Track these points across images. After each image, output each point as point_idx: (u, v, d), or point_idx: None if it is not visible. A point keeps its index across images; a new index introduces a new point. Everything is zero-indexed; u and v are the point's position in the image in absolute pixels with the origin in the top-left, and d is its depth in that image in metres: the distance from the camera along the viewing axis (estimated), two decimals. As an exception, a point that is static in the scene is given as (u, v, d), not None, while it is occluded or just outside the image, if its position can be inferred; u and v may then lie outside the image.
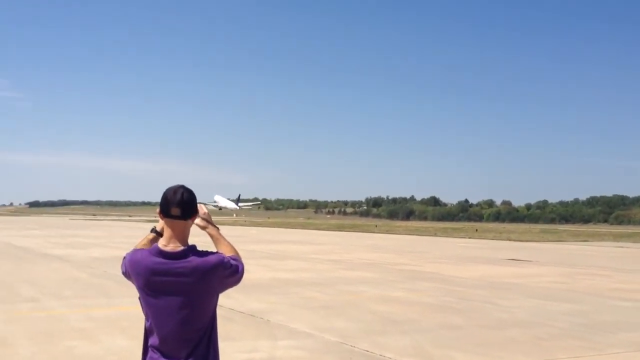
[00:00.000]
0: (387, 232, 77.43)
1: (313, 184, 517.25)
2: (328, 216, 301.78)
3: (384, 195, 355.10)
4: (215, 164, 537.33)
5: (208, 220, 3.50)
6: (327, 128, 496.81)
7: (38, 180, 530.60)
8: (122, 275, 3.52)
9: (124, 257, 3.50)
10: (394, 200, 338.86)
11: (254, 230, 70.05)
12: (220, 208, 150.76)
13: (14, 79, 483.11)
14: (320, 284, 17.55)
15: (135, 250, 3.42)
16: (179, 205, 3.29)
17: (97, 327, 10.38)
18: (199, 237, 3.90)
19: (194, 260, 3.27)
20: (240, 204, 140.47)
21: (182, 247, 3.30)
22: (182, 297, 3.26)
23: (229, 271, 3.35)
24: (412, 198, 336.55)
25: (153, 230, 3.60)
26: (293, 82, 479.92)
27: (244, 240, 38.71)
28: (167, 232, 3.34)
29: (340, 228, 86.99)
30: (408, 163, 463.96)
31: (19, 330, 9.99)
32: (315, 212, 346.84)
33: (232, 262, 3.39)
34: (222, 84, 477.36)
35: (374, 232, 74.06)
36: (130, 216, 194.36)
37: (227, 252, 3.47)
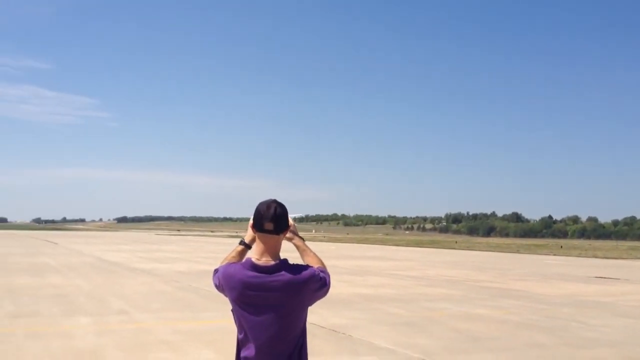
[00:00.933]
0: (468, 248, 75.97)
1: (392, 200, 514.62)
2: (407, 232, 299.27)
3: (463, 211, 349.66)
4: (296, 180, 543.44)
5: (294, 232, 3.55)
6: (406, 144, 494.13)
7: (126, 197, 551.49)
8: (215, 289, 3.56)
9: (216, 270, 3.56)
10: (474, 216, 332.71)
11: (333, 246, 70.23)
12: None
13: (103, 99, 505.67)
14: (401, 300, 17.40)
15: (229, 264, 3.47)
16: (272, 219, 3.33)
17: (184, 340, 10.65)
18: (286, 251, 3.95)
19: (286, 274, 3.30)
20: (290, 215, 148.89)
21: (274, 262, 3.34)
22: (275, 311, 3.28)
23: (319, 284, 3.38)
24: (493, 214, 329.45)
25: (242, 242, 3.64)
26: (372, 100, 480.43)
27: (323, 256, 38.22)
28: (259, 246, 3.39)
29: (419, 244, 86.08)
30: (489, 178, 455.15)
31: (109, 342, 10.36)
32: (394, 228, 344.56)
33: (321, 274, 3.41)
34: (301, 103, 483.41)
35: (454, 249, 72.83)
36: (212, 232, 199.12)
37: (313, 263, 3.52)
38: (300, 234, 3.63)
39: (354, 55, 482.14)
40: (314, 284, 3.35)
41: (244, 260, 3.48)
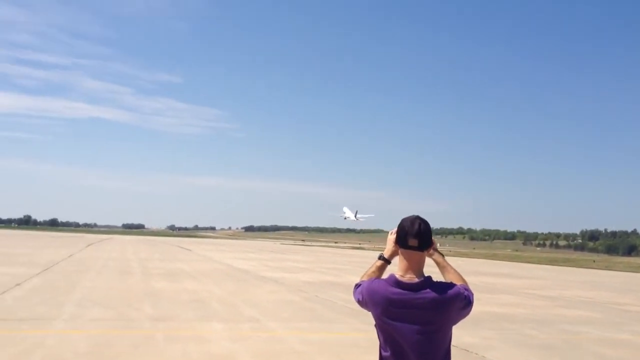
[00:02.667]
0: (607, 268, 71.69)
1: (522, 214, 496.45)
2: (538, 249, 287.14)
3: (601, 228, 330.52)
4: (414, 191, 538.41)
5: (434, 248, 3.48)
6: (534, 154, 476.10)
7: (252, 206, 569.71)
8: (357, 304, 3.55)
9: (357, 285, 3.57)
10: (613, 234, 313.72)
11: (459, 261, 68.56)
12: (345, 218, 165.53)
13: (230, 111, 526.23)
14: (536, 320, 16.57)
15: (372, 280, 3.47)
16: (417, 236, 3.31)
17: (314, 351, 10.66)
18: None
19: (431, 292, 3.25)
20: (358, 216, 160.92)
21: (419, 279, 3.30)
22: (420, 328, 3.24)
23: (464, 302, 3.32)
24: (635, 232, 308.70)
25: (381, 257, 3.62)
26: (500, 110, 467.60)
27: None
28: (403, 263, 3.37)
29: (552, 262, 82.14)
30: (630, 193, 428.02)
31: (243, 349, 10.57)
32: (524, 244, 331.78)
33: (466, 292, 3.34)
34: (422, 116, 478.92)
35: (591, 268, 68.92)
36: (335, 243, 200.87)
37: (455, 280, 3.45)
38: None
39: (481, 68, 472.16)
40: (459, 302, 3.29)
41: (387, 276, 3.44)
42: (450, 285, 3.34)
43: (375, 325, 3.42)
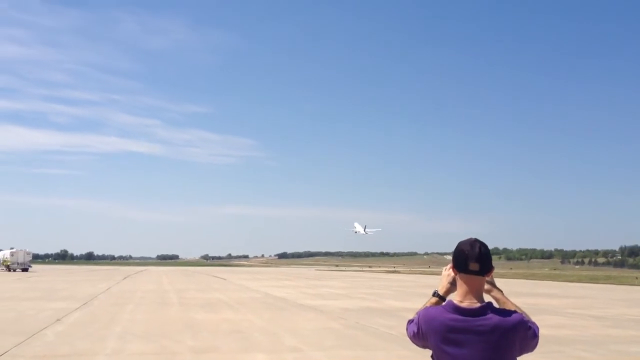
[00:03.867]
0: (650, 284, 69.77)
1: (558, 232, 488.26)
2: (577, 267, 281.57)
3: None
4: (449, 213, 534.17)
5: (491, 282, 3.31)
6: (570, 172, 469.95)
7: (285, 233, 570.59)
8: (410, 339, 3.39)
9: (410, 321, 3.40)
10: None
11: (497, 282, 66.97)
12: (356, 232, 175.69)
13: (261, 140, 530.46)
14: (586, 342, 16.04)
15: (428, 308, 3.31)
16: (478, 259, 3.14)
17: (361, 380, 10.42)
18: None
19: (493, 317, 3.08)
20: (367, 230, 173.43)
21: (479, 304, 3.13)
22: (480, 356, 3.06)
23: (529, 333, 3.12)
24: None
25: (435, 293, 3.44)
26: (531, 129, 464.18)
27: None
28: (462, 288, 3.20)
29: (593, 280, 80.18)
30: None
31: (289, 380, 10.37)
32: (562, 262, 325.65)
33: (530, 323, 3.14)
34: (451, 136, 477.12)
35: (634, 285, 67.13)
36: (370, 267, 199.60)
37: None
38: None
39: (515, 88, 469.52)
40: (523, 331, 3.10)
41: (445, 302, 3.29)
42: (513, 311, 3.16)
43: (431, 356, 3.25)
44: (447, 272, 3.37)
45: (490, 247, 3.28)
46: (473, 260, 3.13)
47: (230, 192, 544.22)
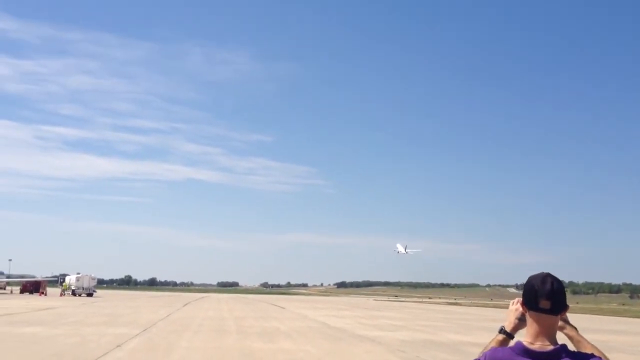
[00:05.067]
0: None
1: (627, 265, 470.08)
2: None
3: None
4: (510, 243, 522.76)
5: (565, 319, 3.00)
6: (636, 199, 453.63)
7: (344, 262, 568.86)
8: None
9: None
10: None
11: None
12: (398, 252, 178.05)
13: (320, 167, 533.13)
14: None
15: (495, 349, 3.01)
16: (549, 297, 2.84)
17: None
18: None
19: None
20: (407, 250, 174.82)
21: (552, 346, 2.82)
22: None
23: None
24: None
25: (502, 330, 3.17)
26: (593, 154, 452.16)
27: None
28: (532, 328, 2.90)
29: (665, 315, 76.55)
30: None
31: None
32: (631, 297, 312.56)
33: None
34: (512, 165, 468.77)
35: None
36: (430, 298, 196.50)
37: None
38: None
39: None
40: None
41: (514, 344, 2.97)
42: (591, 355, 2.85)
43: None
44: (515, 306, 3.12)
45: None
46: (544, 297, 2.85)
47: (290, 219, 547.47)
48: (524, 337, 2.93)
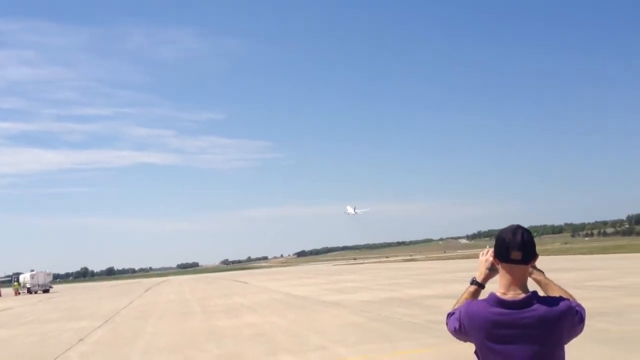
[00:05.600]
0: (659, 250, 69.38)
1: (567, 206, 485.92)
2: (587, 239, 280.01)
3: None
4: (461, 198, 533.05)
5: (533, 265, 3.16)
6: (571, 145, 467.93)
7: (303, 231, 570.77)
8: (451, 334, 3.25)
9: (449, 314, 3.27)
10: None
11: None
12: (348, 213, 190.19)
13: (275, 141, 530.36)
14: (607, 313, 15.98)
15: (469, 302, 3.17)
16: (521, 248, 2.99)
17: (388, 373, 10.46)
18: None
19: (539, 308, 2.95)
20: (356, 210, 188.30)
21: (523, 294, 3.00)
22: (529, 350, 2.94)
23: (577, 318, 3.01)
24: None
25: (473, 281, 3.32)
26: (530, 106, 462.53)
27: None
28: (504, 279, 3.06)
29: (604, 251, 79.71)
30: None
31: (316, 379, 10.43)
32: (572, 236, 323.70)
33: (577, 307, 3.04)
34: (459, 124, 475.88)
35: (647, 252, 66.75)
36: (387, 257, 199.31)
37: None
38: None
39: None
40: (571, 318, 2.99)
41: (486, 296, 3.14)
42: (560, 299, 3.03)
43: (475, 352, 3.12)
44: (485, 257, 3.26)
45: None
46: (516, 248, 2.98)
47: (246, 195, 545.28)
48: (497, 288, 3.07)
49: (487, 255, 3.26)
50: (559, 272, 38.28)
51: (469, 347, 3.19)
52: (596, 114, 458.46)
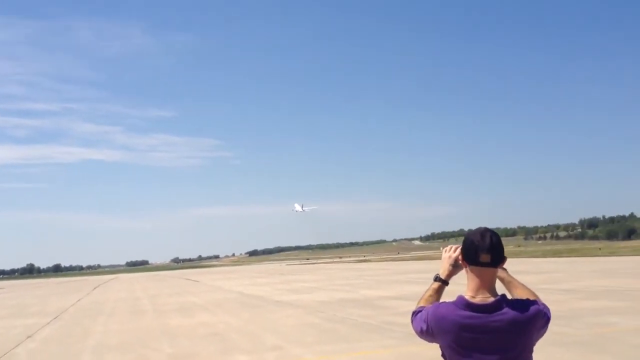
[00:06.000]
0: (612, 254, 71.40)
1: (520, 210, 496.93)
2: (539, 242, 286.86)
3: (599, 215, 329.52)
4: (414, 199, 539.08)
5: (500, 267, 3.06)
6: (526, 148, 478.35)
7: (255, 230, 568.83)
8: (417, 334, 3.10)
9: (414, 313, 3.14)
10: (612, 220, 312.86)
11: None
12: (296, 211, 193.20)
13: (225, 140, 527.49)
14: (562, 317, 16.14)
15: (438, 304, 3.04)
16: (490, 251, 2.90)
17: (347, 375, 10.30)
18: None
19: (509, 312, 2.85)
20: (304, 208, 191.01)
21: (492, 298, 2.90)
22: (500, 354, 2.84)
23: (544, 320, 2.93)
24: (632, 215, 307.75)
25: (437, 278, 3.23)
26: (484, 106, 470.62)
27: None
28: (473, 282, 2.95)
29: (557, 254, 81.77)
30: (623, 177, 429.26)
31: (274, 380, 10.20)
32: (525, 239, 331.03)
33: (544, 308, 2.95)
34: (413, 122, 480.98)
35: (597, 256, 68.58)
36: (340, 257, 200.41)
37: (526, 297, 3.03)
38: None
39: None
40: (540, 320, 2.91)
41: (454, 298, 3.02)
42: (528, 302, 2.94)
43: (442, 356, 3.00)
44: (448, 254, 3.19)
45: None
46: (484, 251, 2.90)
47: (197, 193, 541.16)
48: (465, 291, 2.96)
49: (450, 252, 3.19)
50: (514, 275, 38.89)
51: (426, 350, 3.05)
52: (552, 115, 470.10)
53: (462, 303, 2.92)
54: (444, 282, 3.22)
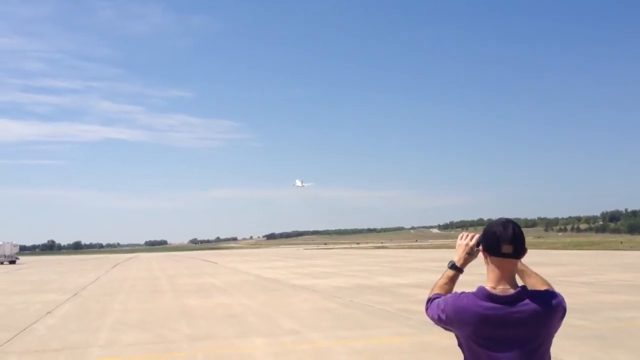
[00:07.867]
0: (633, 248, 70.60)
1: (541, 200, 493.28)
2: (560, 234, 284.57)
3: (621, 208, 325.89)
4: (434, 188, 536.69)
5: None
6: (550, 141, 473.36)
7: (273, 213, 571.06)
8: (432, 321, 3.10)
9: (429, 300, 3.13)
10: (634, 213, 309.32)
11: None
12: (296, 186, 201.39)
13: (245, 122, 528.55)
14: (581, 310, 16.03)
15: (458, 295, 3.01)
16: (512, 242, 2.87)
17: (363, 361, 10.32)
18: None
19: (530, 303, 2.84)
20: (304, 184, 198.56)
21: (513, 290, 2.88)
22: (521, 347, 2.82)
23: (563, 312, 2.92)
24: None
25: (452, 265, 3.19)
26: (509, 100, 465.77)
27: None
28: (493, 273, 2.93)
29: (578, 246, 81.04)
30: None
31: (289, 363, 10.25)
32: (546, 230, 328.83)
33: (563, 302, 2.94)
34: (435, 114, 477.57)
35: (619, 250, 67.89)
36: (358, 243, 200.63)
37: (540, 286, 3.03)
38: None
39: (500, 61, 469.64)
40: (560, 312, 2.90)
41: (475, 289, 2.99)
42: (549, 293, 2.92)
43: (459, 345, 2.98)
44: (464, 241, 3.15)
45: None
46: (506, 242, 2.87)
47: (215, 175, 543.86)
48: (485, 282, 2.95)
49: (466, 239, 3.16)
50: (532, 266, 38.62)
51: (443, 339, 3.03)
52: (576, 110, 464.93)
53: (484, 294, 2.91)
54: (459, 270, 3.20)
